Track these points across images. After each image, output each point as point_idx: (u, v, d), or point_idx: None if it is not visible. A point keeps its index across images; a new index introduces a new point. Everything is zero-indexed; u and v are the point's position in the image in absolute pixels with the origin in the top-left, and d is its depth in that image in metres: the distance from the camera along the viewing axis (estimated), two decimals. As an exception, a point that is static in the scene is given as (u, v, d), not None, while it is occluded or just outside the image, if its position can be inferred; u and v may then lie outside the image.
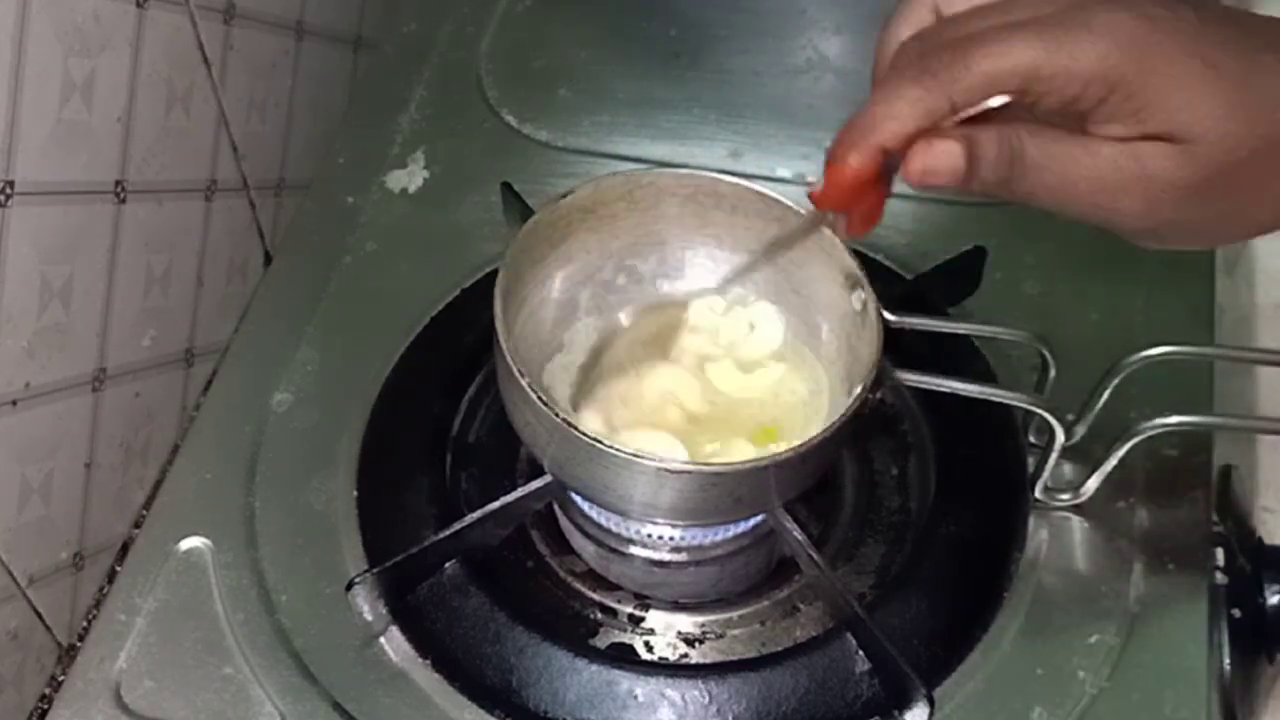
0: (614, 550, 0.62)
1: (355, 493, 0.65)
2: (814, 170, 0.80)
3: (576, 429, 0.52)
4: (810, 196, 0.45)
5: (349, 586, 0.58)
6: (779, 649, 0.60)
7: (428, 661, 0.59)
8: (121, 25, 0.67)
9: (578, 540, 0.65)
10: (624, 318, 0.64)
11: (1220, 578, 0.61)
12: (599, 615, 0.63)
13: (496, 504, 0.60)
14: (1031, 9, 0.41)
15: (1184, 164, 0.41)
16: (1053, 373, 0.62)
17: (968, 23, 0.43)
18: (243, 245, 0.85)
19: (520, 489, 0.60)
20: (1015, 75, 0.40)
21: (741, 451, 0.59)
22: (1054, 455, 0.61)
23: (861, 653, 0.58)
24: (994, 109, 0.42)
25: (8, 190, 0.60)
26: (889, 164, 0.43)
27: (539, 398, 0.53)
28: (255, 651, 0.60)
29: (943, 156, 0.41)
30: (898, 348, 0.56)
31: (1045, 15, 0.41)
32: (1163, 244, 0.44)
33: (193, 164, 0.77)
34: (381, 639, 0.60)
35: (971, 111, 0.42)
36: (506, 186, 0.73)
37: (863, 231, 0.46)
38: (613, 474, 0.53)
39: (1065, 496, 0.64)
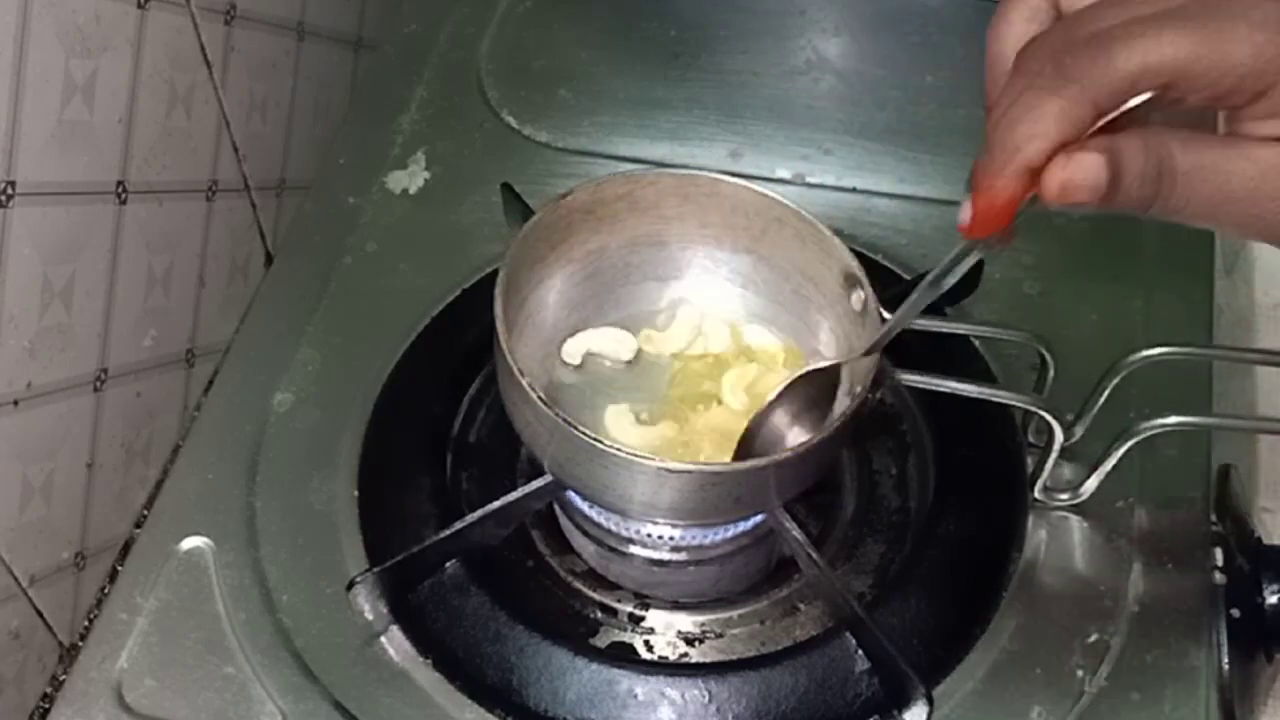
0: (614, 550, 0.62)
1: (356, 492, 0.65)
2: (814, 170, 0.80)
3: (577, 429, 0.52)
4: (961, 229, 0.41)
5: (350, 586, 0.58)
6: (779, 648, 0.60)
7: (428, 661, 0.59)
8: (123, 26, 0.67)
9: (578, 540, 0.65)
10: (623, 321, 0.65)
11: (1219, 577, 0.61)
12: (599, 615, 0.63)
13: (497, 504, 0.60)
14: (1165, 0, 0.38)
15: None
16: (1052, 373, 0.62)
17: (1098, 17, 0.38)
18: (244, 245, 0.85)
19: (520, 489, 0.60)
20: (1164, 72, 0.37)
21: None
22: (1053, 455, 0.61)
23: (861, 652, 0.58)
24: (1125, 113, 0.38)
25: (9, 191, 0.60)
26: None
27: (539, 398, 0.53)
28: (256, 651, 0.60)
29: (1083, 170, 0.38)
30: (898, 348, 0.56)
31: (1187, 5, 0.37)
32: None
33: (194, 164, 0.77)
34: (382, 638, 0.60)
35: (1111, 115, 0.38)
36: (506, 187, 0.73)
37: (1002, 246, 0.43)
38: (613, 474, 0.53)
39: (1064, 496, 0.64)
